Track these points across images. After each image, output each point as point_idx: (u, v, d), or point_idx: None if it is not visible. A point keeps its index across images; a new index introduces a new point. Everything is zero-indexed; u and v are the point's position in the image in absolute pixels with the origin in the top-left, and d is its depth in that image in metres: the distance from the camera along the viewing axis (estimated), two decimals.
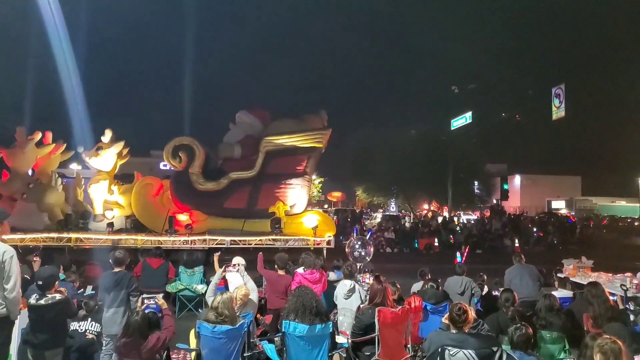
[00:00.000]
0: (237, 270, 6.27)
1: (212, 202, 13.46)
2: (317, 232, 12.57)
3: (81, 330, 5.70)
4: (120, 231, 12.65)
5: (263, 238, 12.23)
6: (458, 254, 9.81)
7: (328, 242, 12.64)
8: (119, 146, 13.27)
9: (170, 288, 8.73)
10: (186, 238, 11.58)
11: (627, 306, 6.72)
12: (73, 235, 11.59)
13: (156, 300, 5.18)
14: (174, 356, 5.61)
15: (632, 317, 6.21)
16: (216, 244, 11.46)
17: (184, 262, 9.22)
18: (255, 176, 13.75)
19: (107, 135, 13.15)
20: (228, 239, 11.89)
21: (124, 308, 5.58)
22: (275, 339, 5.41)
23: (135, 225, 13.31)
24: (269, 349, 5.04)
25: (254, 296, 5.90)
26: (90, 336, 5.66)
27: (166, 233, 11.72)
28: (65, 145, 13.71)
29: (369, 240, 8.68)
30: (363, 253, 8.52)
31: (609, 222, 31.22)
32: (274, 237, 12.24)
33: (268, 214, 12.95)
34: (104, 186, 13.01)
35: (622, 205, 41.67)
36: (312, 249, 11.95)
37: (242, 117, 14.80)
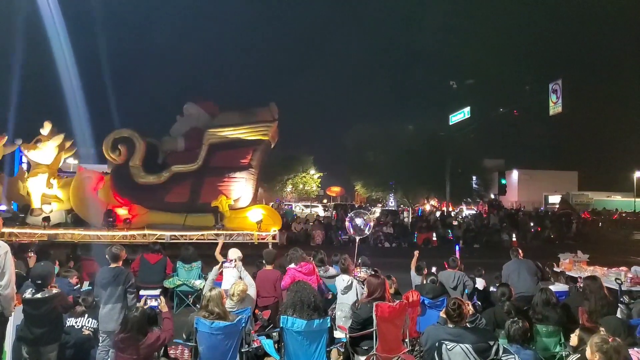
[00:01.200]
0: (235, 266, 6.28)
1: (152, 195, 13.19)
2: (262, 227, 12.30)
3: (78, 326, 5.69)
4: (59, 225, 12.42)
5: (205, 233, 11.97)
6: (457, 247, 9.89)
7: (273, 237, 12.38)
8: (58, 139, 12.92)
9: (167, 283, 8.73)
10: (125, 233, 11.35)
11: (621, 299, 6.75)
12: (6, 230, 11.11)
13: (159, 300, 5.30)
14: (171, 352, 5.61)
15: (626, 311, 6.24)
16: (156, 239, 11.21)
17: (182, 258, 9.21)
18: (198, 169, 13.50)
19: (47, 128, 12.82)
20: (168, 233, 11.65)
21: (120, 304, 5.55)
22: (274, 334, 5.43)
23: (75, 219, 13.06)
24: (267, 344, 5.06)
25: (251, 292, 5.90)
26: (87, 332, 5.66)
27: (104, 227, 11.50)
28: (6, 137, 13.25)
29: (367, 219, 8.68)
30: (361, 224, 8.51)
31: (608, 217, 31.25)
32: (216, 231, 11.95)
33: (211, 208, 12.67)
34: (43, 180, 12.69)
35: (617, 200, 41.83)
36: (255, 243, 11.75)
37: (189, 109, 14.48)
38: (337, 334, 5.48)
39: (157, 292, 8.42)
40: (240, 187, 13.76)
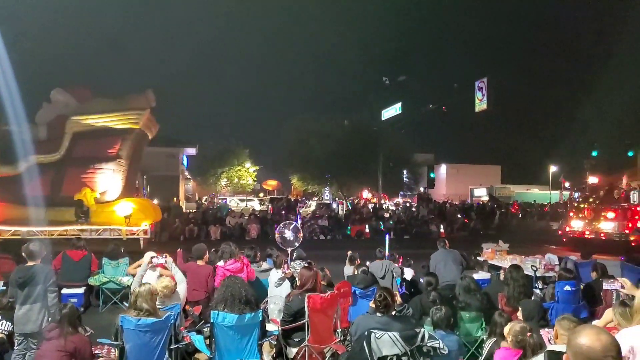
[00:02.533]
0: (165, 262, 6.11)
1: (8, 188, 12.41)
2: (131, 221, 11.87)
3: None
4: None
5: (68, 228, 11.41)
6: (387, 236, 10.21)
7: (144, 232, 11.98)
8: None
9: (93, 281, 8.33)
10: None
11: (536, 285, 7.27)
12: None
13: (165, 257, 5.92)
14: (97, 352, 5.37)
15: (540, 295, 6.74)
16: (10, 235, 10.62)
17: (108, 254, 8.80)
18: (60, 160, 12.81)
19: None
20: (25, 229, 10.98)
21: (40, 304, 5.18)
22: (205, 329, 5.35)
23: None
24: (197, 340, 4.97)
25: (181, 288, 5.77)
26: (0, 336, 5.29)
27: None
28: None
29: (298, 226, 8.69)
30: (291, 237, 8.53)
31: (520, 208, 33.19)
32: (80, 226, 11.45)
33: (74, 202, 12.15)
34: None
35: (535, 192, 44.86)
36: (124, 239, 11.41)
37: (57, 95, 13.57)
38: (270, 327, 5.48)
39: (81, 290, 8.05)
40: (107, 179, 13.05)
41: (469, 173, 46.42)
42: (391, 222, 24.10)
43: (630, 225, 15.41)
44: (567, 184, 21.22)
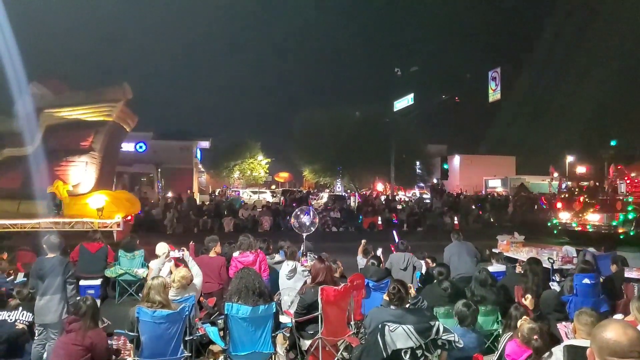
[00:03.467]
0: (182, 256, 6.15)
1: None
2: (105, 214, 11.76)
3: (11, 320, 5.39)
4: None
5: (41, 221, 11.28)
6: (394, 233, 10.18)
7: (118, 224, 11.86)
8: None
9: (109, 272, 8.42)
10: None
11: (553, 277, 7.18)
12: None
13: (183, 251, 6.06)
14: (113, 342, 5.43)
15: (558, 288, 6.64)
16: None
17: (124, 246, 8.89)
18: (33, 153, 12.62)
19: None
20: None
21: (59, 295, 5.27)
22: (219, 321, 5.37)
23: None
24: (212, 331, 5.00)
25: (197, 281, 5.80)
26: (21, 326, 5.38)
27: None
28: None
29: (313, 211, 8.72)
30: (307, 222, 8.54)
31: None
32: (53, 219, 11.35)
33: (46, 195, 12.01)
34: None
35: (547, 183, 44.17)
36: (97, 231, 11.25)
37: (33, 88, 13.43)
38: (283, 319, 5.49)
39: (98, 282, 8.14)
40: (80, 171, 13.01)
41: (483, 164, 45.87)
42: (404, 214, 24.01)
43: (622, 217, 14.95)
44: (555, 174, 20.75)
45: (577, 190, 17.56)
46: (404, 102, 30.07)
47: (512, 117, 47.08)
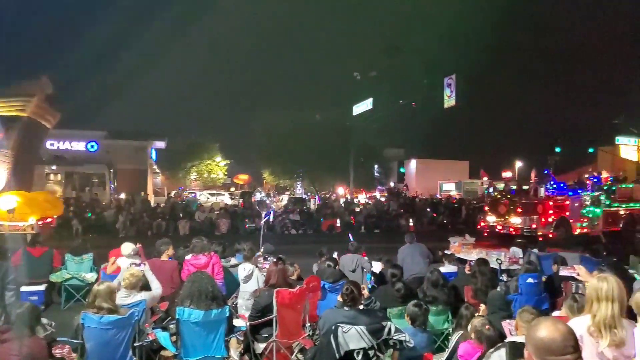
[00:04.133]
0: (143, 270, 5.84)
1: None
2: (17, 215, 11.17)
3: None
4: None
5: None
6: (350, 235, 10.29)
7: (31, 227, 11.33)
8: None
9: (54, 277, 8.07)
10: None
11: (500, 277, 7.44)
12: None
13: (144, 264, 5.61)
14: (56, 351, 5.20)
15: (504, 287, 6.89)
16: None
17: (71, 249, 8.55)
18: None
19: None
20: None
21: None
22: (171, 326, 5.25)
23: None
24: (163, 337, 4.88)
25: (156, 293, 5.50)
26: None
27: None
28: None
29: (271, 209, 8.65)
30: (267, 200, 8.48)
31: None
32: None
33: None
34: None
35: (501, 187, 45.81)
36: (6, 234, 10.70)
37: None
38: (238, 323, 5.44)
39: (42, 287, 7.79)
40: None
41: (438, 168, 46.92)
42: (362, 216, 24.27)
43: (543, 220, 15.45)
44: (485, 178, 21.42)
45: (502, 194, 17.97)
46: (363, 107, 30.43)
47: (466, 123, 48.57)
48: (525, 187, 17.50)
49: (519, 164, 40.16)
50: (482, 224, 17.74)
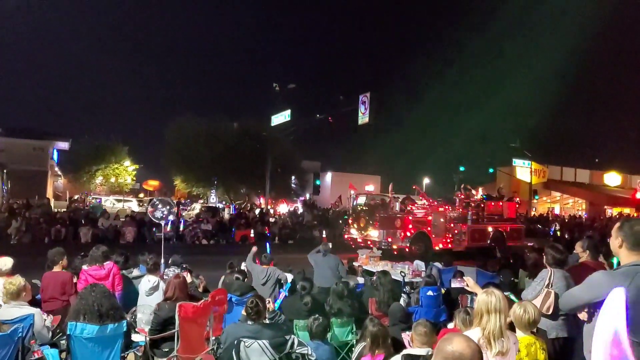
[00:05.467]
0: None
1: None
2: None
3: None
4: None
5: None
6: (267, 245, 10.22)
7: None
8: None
9: None
10: None
11: (404, 290, 7.78)
12: None
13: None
14: None
15: (407, 299, 7.22)
16: None
17: None
18: None
19: None
20: None
21: None
22: (62, 342, 4.89)
23: None
24: (51, 354, 4.52)
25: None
26: None
27: None
28: None
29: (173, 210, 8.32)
30: (165, 212, 8.16)
31: None
32: None
33: None
34: None
35: None
36: None
37: None
38: (137, 338, 5.18)
39: None
40: None
41: (352, 181, 48.25)
42: (276, 227, 24.24)
43: (402, 234, 15.44)
44: (352, 192, 22.26)
45: (363, 207, 18.08)
46: (281, 118, 30.53)
47: (379, 139, 50.53)
48: (385, 200, 17.69)
49: (426, 180, 42.39)
50: (346, 236, 17.78)
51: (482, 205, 17.79)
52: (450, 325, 4.79)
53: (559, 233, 27.84)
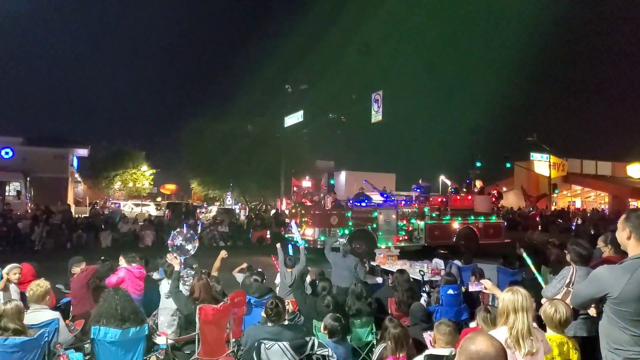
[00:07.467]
0: None
1: None
2: None
3: None
4: None
5: None
6: (290, 247, 10.16)
7: None
8: None
9: None
10: None
11: (423, 289, 7.72)
12: None
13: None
14: None
15: (427, 299, 7.17)
16: None
17: None
18: None
19: None
20: None
21: None
22: (86, 346, 4.98)
23: None
24: (76, 357, 4.61)
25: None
26: None
27: None
28: None
29: (194, 234, 8.23)
30: (185, 244, 8.16)
31: None
32: None
33: None
34: None
35: None
36: None
37: None
38: (159, 340, 5.25)
39: None
40: None
41: (367, 180, 48.24)
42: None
43: (337, 232, 14.91)
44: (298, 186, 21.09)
45: (298, 205, 17.43)
46: (294, 119, 30.58)
47: (394, 137, 50.31)
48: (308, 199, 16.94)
49: (442, 178, 42.03)
50: (287, 235, 17.16)
51: (444, 200, 16.92)
52: (472, 324, 4.73)
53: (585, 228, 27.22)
